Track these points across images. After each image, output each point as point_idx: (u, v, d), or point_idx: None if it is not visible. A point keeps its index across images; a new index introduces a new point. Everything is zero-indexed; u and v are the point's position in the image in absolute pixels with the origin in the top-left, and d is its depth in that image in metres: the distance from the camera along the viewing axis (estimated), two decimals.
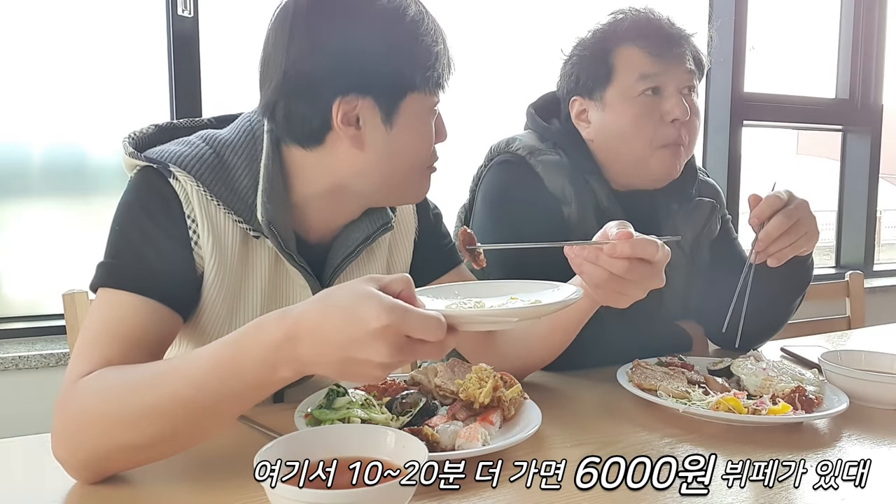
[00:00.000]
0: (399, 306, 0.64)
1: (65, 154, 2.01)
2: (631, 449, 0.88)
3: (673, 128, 1.30)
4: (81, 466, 0.76)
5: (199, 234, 0.91)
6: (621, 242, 0.86)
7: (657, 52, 1.30)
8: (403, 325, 0.63)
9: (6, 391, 1.79)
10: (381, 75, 0.90)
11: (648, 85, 1.30)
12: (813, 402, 0.99)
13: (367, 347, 0.64)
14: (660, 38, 1.31)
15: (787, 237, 1.12)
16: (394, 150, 0.94)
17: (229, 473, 0.77)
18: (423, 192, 1.04)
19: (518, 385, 0.96)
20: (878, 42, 3.27)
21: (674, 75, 1.31)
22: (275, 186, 0.94)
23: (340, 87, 0.89)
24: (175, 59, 2.02)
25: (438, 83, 0.94)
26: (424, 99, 0.94)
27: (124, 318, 0.84)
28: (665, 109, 1.30)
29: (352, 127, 0.91)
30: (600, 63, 1.34)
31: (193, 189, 0.90)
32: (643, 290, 0.90)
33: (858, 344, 1.57)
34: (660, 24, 1.32)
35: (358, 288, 0.66)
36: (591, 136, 1.38)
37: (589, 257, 0.89)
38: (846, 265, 3.35)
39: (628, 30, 1.33)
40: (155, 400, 0.72)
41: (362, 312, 0.63)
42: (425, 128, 0.96)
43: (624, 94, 1.32)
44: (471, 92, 2.48)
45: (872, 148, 3.30)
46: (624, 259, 0.86)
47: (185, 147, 0.93)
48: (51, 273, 1.99)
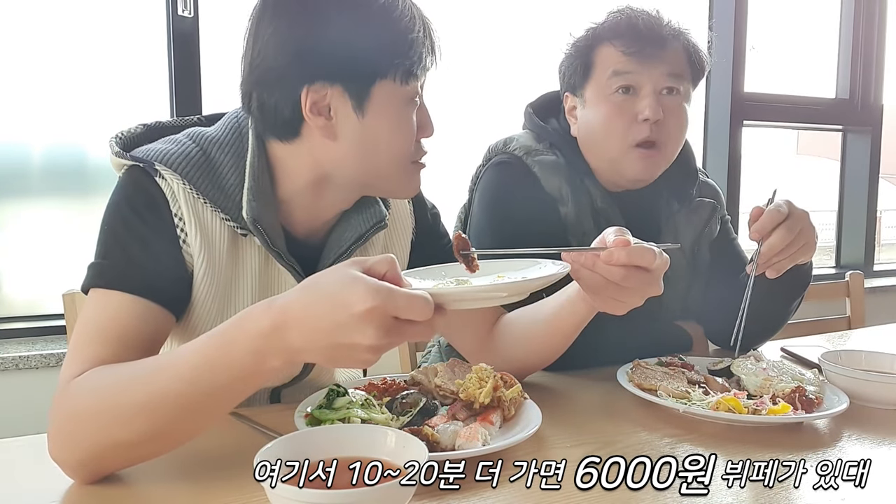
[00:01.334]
0: (384, 287, 0.64)
1: (65, 154, 2.02)
2: (631, 449, 0.88)
3: (645, 127, 1.30)
4: (78, 466, 0.76)
5: (187, 232, 0.90)
6: (618, 250, 0.85)
7: (631, 50, 1.29)
8: (390, 307, 0.63)
9: (6, 391, 1.79)
10: (347, 62, 0.88)
11: (621, 83, 1.30)
12: (813, 402, 0.99)
13: (355, 331, 0.63)
14: (636, 36, 1.30)
15: (788, 249, 1.12)
16: (367, 139, 0.92)
17: (229, 473, 0.77)
18: (411, 188, 1.01)
19: (518, 385, 0.96)
20: (879, 42, 3.27)
21: (650, 75, 1.30)
22: (260, 183, 0.93)
23: (307, 75, 0.88)
24: (175, 58, 2.02)
25: (411, 71, 0.91)
26: (397, 87, 0.91)
27: (116, 318, 0.84)
28: (638, 108, 1.30)
29: (322, 117, 0.90)
30: (582, 60, 1.36)
31: (180, 187, 0.90)
32: (641, 298, 0.90)
33: (858, 344, 1.57)
34: (638, 23, 1.31)
35: (342, 272, 0.66)
36: (576, 133, 1.39)
37: (586, 263, 0.88)
38: (846, 265, 3.35)
39: (608, 28, 1.34)
40: (147, 397, 0.72)
41: (348, 296, 0.63)
42: (401, 118, 0.93)
43: (600, 91, 1.33)
44: (471, 91, 2.48)
45: (872, 148, 3.30)
46: (620, 267, 0.85)
47: (172, 145, 0.93)
48: (51, 273, 1.99)
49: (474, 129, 2.34)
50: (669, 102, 1.31)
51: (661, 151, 1.33)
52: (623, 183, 1.37)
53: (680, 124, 1.34)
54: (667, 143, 1.33)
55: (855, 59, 3.25)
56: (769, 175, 4.08)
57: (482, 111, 2.52)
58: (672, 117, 1.31)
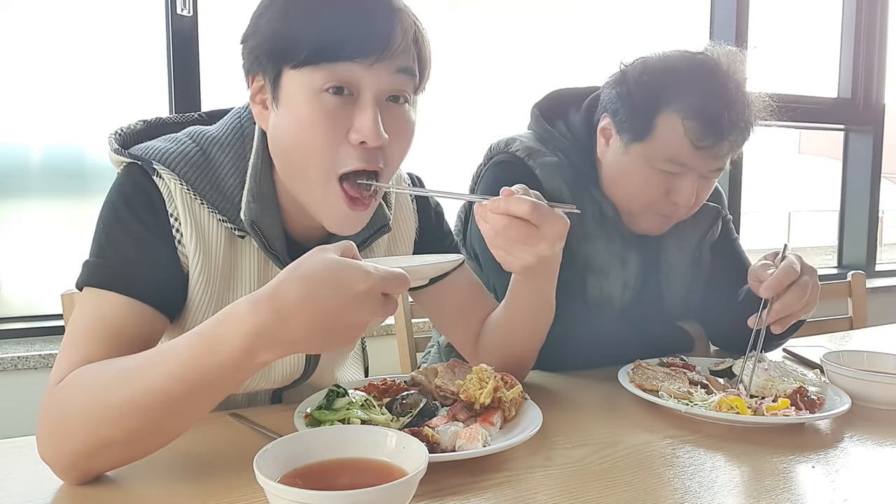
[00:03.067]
0: (372, 266, 0.68)
1: (64, 153, 2.01)
2: (632, 450, 0.88)
3: (675, 208, 1.27)
4: (69, 466, 0.75)
5: (183, 232, 0.90)
6: (500, 199, 0.88)
7: (702, 143, 1.20)
8: (382, 285, 0.68)
9: (6, 391, 1.79)
10: (259, 47, 0.86)
11: (672, 170, 1.24)
12: (815, 402, 0.99)
13: (357, 309, 0.67)
14: (713, 128, 1.19)
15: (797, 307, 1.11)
16: (278, 136, 0.89)
17: (229, 473, 0.77)
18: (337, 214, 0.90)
19: (519, 386, 0.95)
20: (881, 41, 3.27)
21: (704, 165, 1.24)
22: (262, 185, 0.92)
23: (246, 62, 0.89)
24: (174, 57, 2.02)
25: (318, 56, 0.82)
26: (302, 76, 0.83)
27: (107, 318, 0.83)
28: (675, 188, 1.25)
29: (260, 105, 0.90)
30: (644, 117, 1.24)
31: (177, 187, 0.89)
32: (530, 254, 0.89)
33: (860, 344, 1.57)
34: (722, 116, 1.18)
35: (327, 258, 0.68)
36: (602, 159, 1.35)
37: (480, 213, 0.91)
38: (848, 265, 3.34)
39: (684, 99, 1.20)
40: (134, 395, 0.71)
41: (348, 278, 0.67)
42: (304, 112, 0.84)
43: (648, 159, 1.25)
44: (473, 89, 2.48)
45: (875, 147, 3.29)
46: (502, 215, 0.88)
47: (171, 144, 0.92)
48: (50, 273, 1.99)
49: (476, 127, 2.34)
50: (705, 184, 1.29)
51: (680, 217, 1.33)
52: (630, 226, 1.36)
53: (704, 198, 1.32)
54: (685, 214, 1.32)
55: (857, 58, 3.24)
56: (771, 175, 4.08)
57: (484, 109, 2.51)
58: (702, 195, 1.29)
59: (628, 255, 1.36)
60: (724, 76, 1.22)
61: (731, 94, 1.21)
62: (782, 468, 0.83)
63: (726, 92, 1.21)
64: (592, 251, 1.34)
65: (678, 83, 1.22)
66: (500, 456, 0.83)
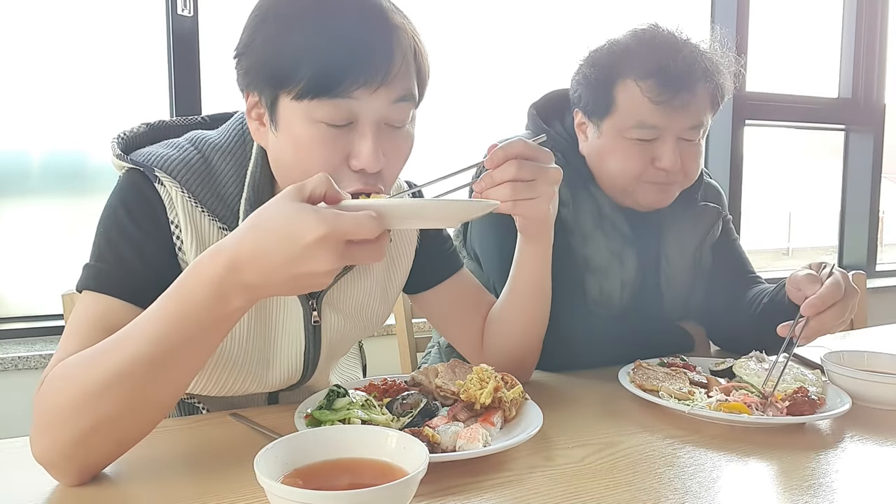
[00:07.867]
0: (330, 213, 0.66)
1: (64, 154, 2.02)
2: (633, 450, 0.88)
3: (661, 172, 1.27)
4: (63, 460, 0.74)
5: (183, 239, 0.90)
6: (494, 153, 0.90)
7: (660, 99, 1.21)
8: (339, 231, 0.65)
9: (6, 391, 1.79)
10: (256, 68, 0.85)
11: (645, 136, 1.26)
12: (815, 402, 0.99)
13: (310, 260, 0.66)
14: (666, 81, 1.21)
15: (832, 324, 1.09)
16: (279, 158, 0.89)
17: (229, 473, 0.77)
18: None
19: (519, 386, 0.95)
20: (881, 41, 3.27)
21: (674, 126, 1.25)
22: (259, 194, 0.92)
23: (241, 78, 0.88)
24: (175, 58, 2.02)
25: (311, 91, 0.81)
26: (297, 105, 0.83)
27: (103, 320, 0.83)
28: (657, 154, 1.26)
29: (257, 121, 0.90)
30: (603, 92, 1.28)
31: (178, 194, 0.89)
32: (548, 185, 0.91)
33: (861, 344, 1.57)
34: (669, 66, 1.20)
35: (286, 205, 0.67)
36: (585, 152, 1.36)
37: (488, 183, 0.91)
38: (849, 265, 3.35)
39: (635, 63, 1.24)
40: (117, 365, 0.71)
41: (297, 228, 0.65)
42: (303, 138, 0.84)
43: (619, 131, 1.27)
44: (472, 90, 2.48)
45: (875, 147, 3.30)
46: (509, 162, 0.89)
47: (173, 150, 0.92)
48: (50, 274, 1.99)
49: (474, 128, 2.34)
50: (689, 147, 1.28)
51: (678, 183, 1.32)
52: (632, 205, 1.35)
53: (696, 163, 1.31)
54: (683, 181, 1.32)
55: (857, 58, 3.24)
56: (771, 175, 4.07)
57: (483, 110, 2.51)
58: (689, 159, 1.29)
59: (627, 253, 1.36)
60: (669, 35, 1.27)
61: (677, 45, 1.24)
62: (783, 468, 0.83)
63: (673, 45, 1.24)
64: (591, 251, 1.34)
65: (626, 52, 1.27)
66: (500, 456, 0.83)
